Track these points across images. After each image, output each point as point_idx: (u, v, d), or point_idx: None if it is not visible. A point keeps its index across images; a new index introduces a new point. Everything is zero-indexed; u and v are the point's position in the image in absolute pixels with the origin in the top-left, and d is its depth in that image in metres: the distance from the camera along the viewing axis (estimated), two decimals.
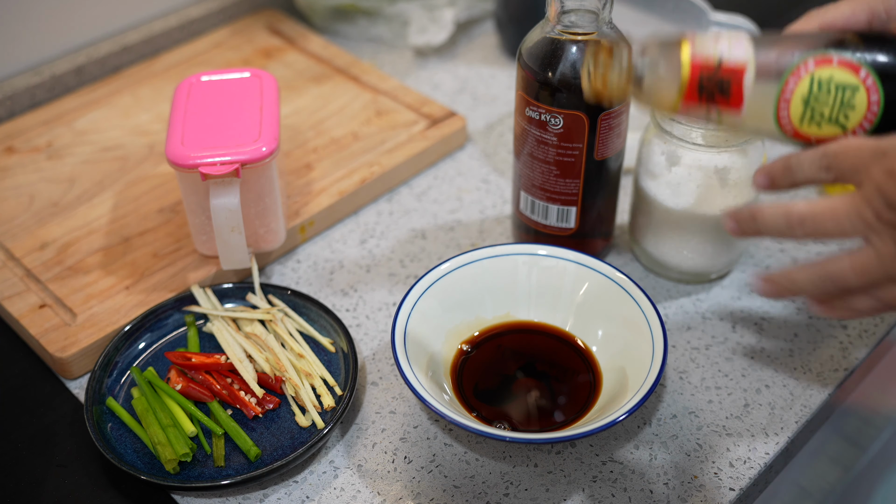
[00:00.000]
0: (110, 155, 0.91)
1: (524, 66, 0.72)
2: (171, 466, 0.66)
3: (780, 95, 0.56)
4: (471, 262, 0.74)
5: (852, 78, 0.55)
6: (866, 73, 0.54)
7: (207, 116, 0.76)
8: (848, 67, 0.55)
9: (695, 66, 0.56)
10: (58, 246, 0.82)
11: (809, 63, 0.55)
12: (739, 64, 0.56)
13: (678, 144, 0.73)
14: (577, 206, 0.77)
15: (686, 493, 0.66)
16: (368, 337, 0.77)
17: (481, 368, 0.72)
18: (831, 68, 0.55)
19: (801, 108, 0.56)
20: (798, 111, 0.56)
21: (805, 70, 0.55)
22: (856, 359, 0.75)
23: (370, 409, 0.72)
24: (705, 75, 0.56)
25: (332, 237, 0.86)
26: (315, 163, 0.90)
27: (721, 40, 0.56)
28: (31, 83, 0.96)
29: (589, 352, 0.73)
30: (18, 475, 0.68)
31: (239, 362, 0.72)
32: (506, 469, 0.67)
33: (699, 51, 0.56)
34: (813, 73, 0.55)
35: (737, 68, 0.56)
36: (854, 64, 0.55)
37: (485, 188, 0.91)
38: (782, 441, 0.69)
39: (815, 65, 0.55)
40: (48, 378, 0.75)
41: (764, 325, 0.77)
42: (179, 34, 1.05)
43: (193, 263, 0.80)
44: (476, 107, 1.00)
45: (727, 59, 0.56)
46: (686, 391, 0.72)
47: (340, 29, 1.09)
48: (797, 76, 0.55)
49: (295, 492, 0.67)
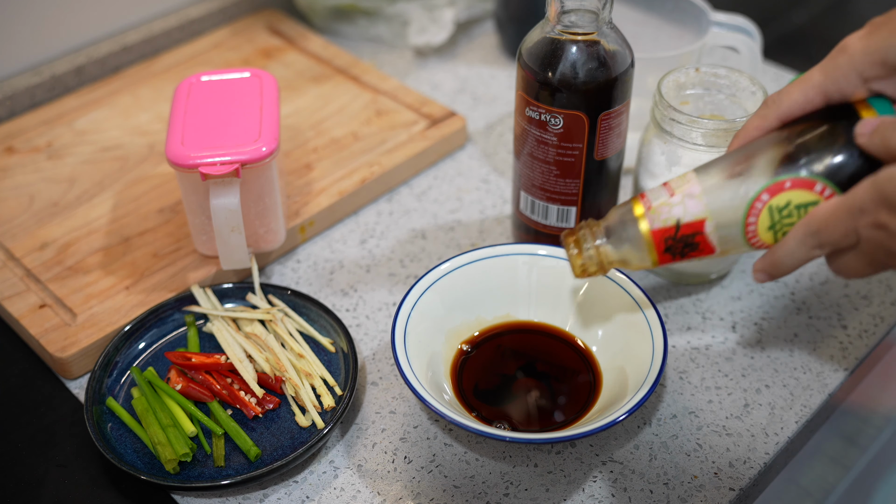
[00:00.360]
0: (110, 155, 0.91)
1: (524, 66, 0.72)
2: (171, 466, 0.66)
3: (746, 230, 0.57)
4: (471, 262, 0.74)
5: (809, 195, 0.55)
6: (822, 186, 0.54)
7: (207, 116, 0.76)
8: (802, 187, 0.54)
9: (657, 237, 0.58)
10: (58, 246, 0.82)
11: (763, 196, 0.55)
12: (697, 221, 0.57)
13: (678, 144, 0.73)
14: (577, 206, 0.77)
15: (686, 493, 0.66)
16: (368, 337, 0.77)
17: (481, 368, 0.72)
18: (787, 193, 0.55)
19: (769, 234, 0.56)
20: (768, 237, 0.57)
21: (761, 203, 0.56)
22: (856, 359, 0.75)
23: (370, 409, 0.72)
24: (669, 242, 0.58)
25: (332, 237, 0.86)
26: (315, 163, 0.90)
27: (675, 201, 0.57)
28: (31, 83, 0.96)
29: (589, 352, 0.73)
30: (18, 475, 0.68)
31: (239, 362, 0.72)
32: (506, 469, 0.68)
33: (656, 221, 0.58)
34: (769, 203, 0.55)
35: (696, 226, 0.57)
36: (808, 181, 0.54)
37: (485, 188, 0.91)
38: (782, 441, 0.69)
39: (770, 195, 0.55)
40: (48, 378, 0.75)
41: (764, 325, 0.77)
42: (179, 34, 1.05)
43: (193, 263, 0.80)
44: (476, 107, 1.00)
45: (685, 221, 0.57)
46: (686, 391, 0.72)
47: (340, 29, 1.09)
48: (755, 213, 0.56)
49: (295, 492, 0.67)
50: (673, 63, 0.84)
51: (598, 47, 0.70)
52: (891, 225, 0.51)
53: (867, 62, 0.54)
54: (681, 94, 0.77)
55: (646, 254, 0.59)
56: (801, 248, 0.55)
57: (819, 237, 0.54)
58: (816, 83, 0.56)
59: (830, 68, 0.56)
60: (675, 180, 0.59)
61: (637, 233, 0.59)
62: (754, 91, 0.74)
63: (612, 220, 0.61)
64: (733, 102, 0.76)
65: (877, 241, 0.52)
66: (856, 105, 0.55)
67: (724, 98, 0.77)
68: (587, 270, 0.62)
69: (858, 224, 0.52)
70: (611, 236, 0.61)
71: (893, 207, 0.50)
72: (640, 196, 0.60)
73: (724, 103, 0.77)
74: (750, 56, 0.89)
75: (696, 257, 0.59)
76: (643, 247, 0.59)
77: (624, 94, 0.72)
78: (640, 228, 0.59)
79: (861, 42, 0.55)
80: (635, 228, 0.59)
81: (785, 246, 0.55)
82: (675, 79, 0.76)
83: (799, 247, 0.55)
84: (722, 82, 0.76)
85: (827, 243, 0.54)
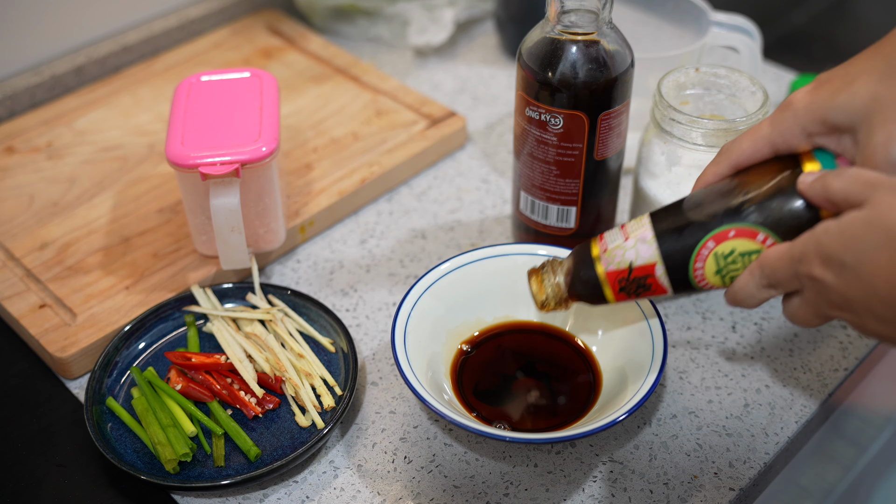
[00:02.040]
0: (110, 155, 0.91)
1: (524, 66, 0.72)
2: (171, 466, 0.66)
3: (694, 275, 0.60)
4: (471, 262, 0.74)
5: (752, 244, 0.58)
6: (764, 236, 0.57)
7: (207, 116, 0.76)
8: (745, 236, 0.57)
9: (611, 279, 0.62)
10: (58, 246, 0.82)
11: (709, 244, 0.59)
12: (648, 265, 0.61)
13: (678, 144, 0.73)
14: (577, 206, 0.77)
15: (686, 493, 0.66)
16: (368, 337, 0.77)
17: (481, 368, 0.72)
18: (731, 241, 0.58)
19: (717, 278, 0.60)
20: (716, 281, 0.60)
21: (707, 250, 0.59)
22: (856, 359, 0.75)
23: (370, 409, 0.72)
24: (623, 283, 0.62)
25: (332, 237, 0.86)
26: (315, 163, 0.90)
27: (628, 245, 0.61)
28: (31, 83, 0.96)
29: (589, 352, 0.73)
30: (18, 475, 0.68)
31: (239, 362, 0.72)
32: (506, 469, 0.67)
33: (611, 264, 0.62)
34: (715, 250, 0.59)
35: (647, 269, 0.61)
36: (751, 231, 0.57)
37: (485, 188, 0.91)
38: (782, 441, 0.69)
39: (715, 243, 0.58)
40: (48, 378, 0.75)
41: (764, 325, 0.77)
42: (179, 34, 1.05)
43: (193, 263, 0.80)
44: (476, 107, 1.00)
45: (636, 265, 0.61)
46: (686, 391, 0.72)
47: (340, 29, 1.09)
48: (702, 259, 0.59)
49: (295, 492, 0.67)
50: (673, 63, 0.84)
51: (598, 47, 0.70)
52: (825, 279, 0.52)
53: (809, 119, 0.57)
54: (681, 94, 0.77)
55: (602, 294, 0.63)
56: (754, 287, 0.57)
57: (769, 279, 0.56)
58: (765, 135, 0.59)
59: (778, 121, 0.58)
60: (631, 224, 0.63)
61: (594, 273, 0.63)
62: (754, 91, 0.74)
63: (572, 260, 0.64)
64: (733, 102, 0.76)
65: (816, 291, 0.53)
66: (801, 156, 0.58)
67: (724, 98, 0.77)
68: (548, 306, 0.66)
69: (799, 273, 0.54)
70: (570, 275, 0.64)
71: (827, 261, 0.52)
72: (600, 237, 0.64)
73: (724, 103, 0.77)
74: (750, 56, 0.89)
75: (651, 297, 0.63)
76: (599, 288, 0.63)
77: (624, 94, 0.72)
78: (596, 269, 0.63)
79: (805, 98, 0.57)
80: (592, 269, 0.63)
81: (741, 284, 0.58)
82: (675, 79, 0.76)
83: (753, 286, 0.57)
84: (722, 82, 0.76)
85: (776, 285, 0.56)
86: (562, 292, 0.65)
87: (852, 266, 0.50)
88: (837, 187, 0.53)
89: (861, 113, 0.55)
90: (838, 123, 0.56)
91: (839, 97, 0.56)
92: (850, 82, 0.56)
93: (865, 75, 0.55)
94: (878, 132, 0.53)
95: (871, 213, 0.50)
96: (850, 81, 0.56)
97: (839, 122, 0.56)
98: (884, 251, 0.49)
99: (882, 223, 0.49)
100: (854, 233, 0.50)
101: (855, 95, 0.55)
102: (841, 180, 0.53)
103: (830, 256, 0.51)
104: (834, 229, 0.51)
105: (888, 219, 0.49)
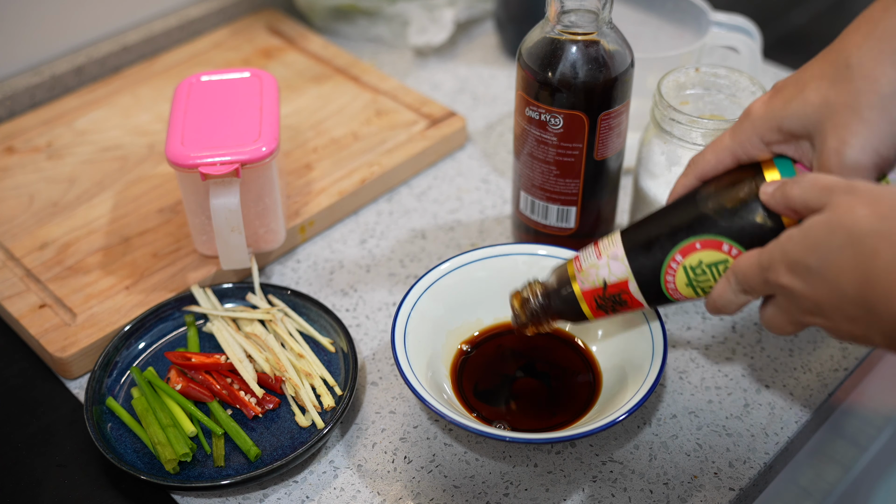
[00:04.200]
0: (110, 155, 0.91)
1: (524, 66, 0.72)
2: (170, 466, 0.66)
3: (666, 289, 0.61)
4: (471, 262, 0.74)
5: (718, 255, 0.59)
6: (729, 246, 0.58)
7: (207, 116, 0.76)
8: (711, 247, 0.59)
9: (587, 297, 0.64)
10: (58, 246, 0.82)
11: (677, 257, 0.60)
12: (621, 281, 0.62)
13: (678, 144, 0.73)
14: (577, 206, 0.77)
15: (686, 493, 0.66)
16: (368, 337, 0.77)
17: (481, 368, 0.72)
18: (697, 253, 0.59)
19: (689, 289, 0.61)
20: (689, 292, 0.61)
21: (676, 263, 0.60)
22: (856, 359, 0.75)
23: (370, 409, 0.72)
24: (598, 300, 0.64)
25: (332, 237, 0.86)
26: (315, 163, 0.90)
27: (601, 263, 0.63)
28: (31, 83, 0.96)
29: (589, 352, 0.73)
30: (18, 475, 0.68)
31: (239, 362, 0.72)
32: (506, 469, 0.68)
33: (586, 282, 0.64)
34: (683, 263, 0.60)
35: (620, 285, 0.62)
36: (715, 241, 0.59)
37: (485, 188, 0.91)
38: (782, 441, 0.69)
39: (683, 256, 0.60)
40: (48, 378, 0.75)
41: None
42: (179, 34, 1.05)
43: (193, 263, 0.80)
44: (476, 107, 1.00)
45: (610, 282, 0.63)
46: (686, 391, 0.72)
47: (340, 29, 1.09)
48: (672, 272, 0.61)
49: (295, 492, 0.67)
50: (673, 63, 0.84)
51: (598, 47, 0.70)
52: (793, 286, 0.53)
53: (765, 128, 0.58)
54: (681, 94, 0.77)
55: (581, 311, 0.65)
56: (731, 293, 0.58)
57: (741, 286, 0.57)
58: (726, 146, 0.60)
59: (738, 132, 0.60)
60: (604, 241, 0.64)
61: (571, 292, 0.65)
62: (754, 91, 0.74)
63: (551, 281, 0.66)
64: (733, 102, 0.76)
65: (787, 298, 0.54)
66: (762, 165, 0.59)
67: (724, 98, 0.77)
68: (527, 327, 0.67)
69: (768, 280, 0.55)
70: (550, 296, 0.66)
71: (793, 268, 0.52)
72: (576, 258, 0.65)
73: (724, 103, 0.77)
74: (750, 56, 0.89)
75: (628, 312, 0.64)
76: (577, 306, 0.65)
77: (624, 94, 0.72)
78: (572, 288, 0.64)
79: (762, 108, 0.59)
80: (569, 288, 0.65)
81: (718, 292, 0.59)
82: (675, 79, 0.76)
83: (730, 293, 0.58)
84: (722, 82, 0.76)
85: (750, 291, 0.57)
86: (542, 311, 0.66)
87: (818, 269, 0.51)
88: (797, 194, 0.54)
89: (813, 119, 0.56)
90: (793, 130, 0.57)
91: (792, 105, 0.57)
92: (802, 89, 0.57)
93: (816, 81, 0.56)
94: (830, 137, 0.55)
95: (830, 216, 0.51)
96: (802, 88, 0.57)
97: (794, 129, 0.57)
98: (846, 251, 0.50)
99: (842, 224, 0.50)
100: (816, 237, 0.51)
101: (806, 102, 0.56)
102: (799, 187, 0.54)
103: (796, 262, 0.52)
104: (797, 236, 0.52)
105: (847, 220, 0.50)
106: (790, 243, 0.53)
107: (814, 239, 0.51)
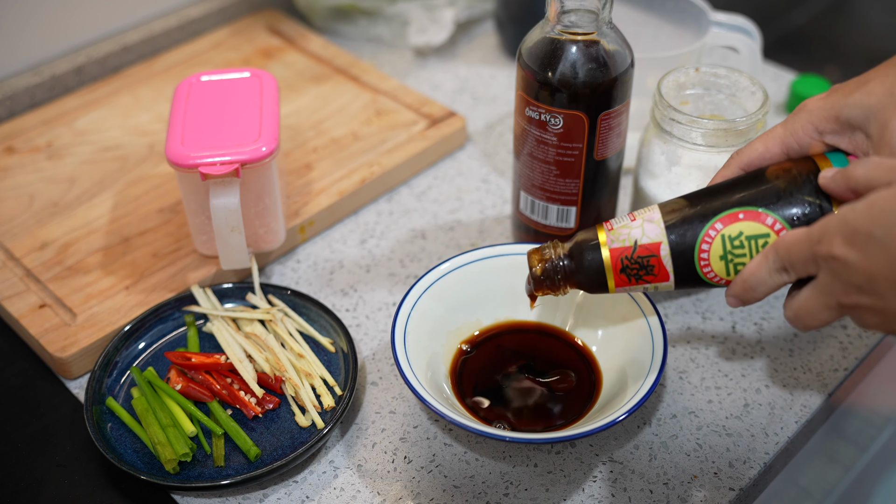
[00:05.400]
0: (110, 155, 0.91)
1: (524, 66, 0.72)
2: (170, 466, 0.66)
3: (699, 258, 0.60)
4: (471, 262, 0.74)
5: (761, 228, 0.58)
6: (773, 220, 0.58)
7: (207, 116, 0.76)
8: (755, 219, 0.58)
9: (614, 256, 0.61)
10: (58, 246, 0.82)
11: (717, 225, 0.59)
12: (654, 243, 0.60)
13: (678, 144, 0.73)
14: (577, 206, 0.77)
15: (686, 493, 0.66)
16: (368, 337, 0.77)
17: (481, 368, 0.72)
18: (739, 223, 0.58)
19: (721, 264, 0.59)
20: (720, 267, 0.60)
21: (714, 231, 0.59)
22: (856, 359, 0.75)
23: (370, 409, 0.72)
24: (625, 262, 0.61)
25: (332, 237, 0.86)
26: (315, 163, 0.90)
27: (635, 224, 0.61)
28: (31, 83, 0.96)
29: (589, 352, 0.73)
30: (18, 475, 0.68)
31: (239, 362, 0.72)
32: (506, 469, 0.68)
33: (615, 241, 0.61)
34: (722, 232, 0.59)
35: (652, 247, 0.60)
36: (760, 213, 0.58)
37: (485, 188, 0.91)
38: (782, 441, 0.69)
39: (723, 225, 0.59)
40: (48, 378, 0.75)
41: (764, 325, 0.77)
42: (179, 34, 1.05)
43: (193, 263, 0.80)
44: (476, 107, 1.00)
45: (641, 242, 0.61)
46: (686, 391, 0.72)
47: (340, 29, 1.09)
48: (709, 240, 0.59)
49: (295, 492, 0.67)
50: (673, 63, 0.84)
51: (598, 47, 0.70)
52: (847, 257, 0.52)
53: (822, 117, 0.59)
54: (681, 94, 0.77)
55: (602, 275, 0.62)
56: (766, 272, 0.57)
57: (783, 262, 0.56)
58: (777, 134, 0.61)
59: (790, 122, 0.61)
60: (639, 210, 0.63)
61: (597, 252, 0.62)
62: (754, 91, 0.74)
63: (576, 240, 0.64)
64: (733, 102, 0.76)
65: (833, 273, 0.54)
66: (814, 158, 0.59)
67: (724, 98, 0.77)
68: (542, 287, 0.65)
69: (817, 253, 0.54)
70: (573, 256, 0.63)
71: (852, 237, 0.52)
72: (606, 222, 0.63)
73: (724, 103, 0.77)
74: (750, 56, 0.89)
75: (651, 283, 0.62)
76: (600, 267, 0.62)
77: (624, 94, 0.72)
78: (599, 246, 0.62)
79: (819, 101, 0.60)
80: (596, 247, 0.62)
81: (752, 269, 0.58)
82: (675, 79, 0.76)
83: (765, 271, 0.57)
84: (722, 82, 0.76)
85: (791, 267, 0.56)
86: (560, 271, 0.64)
87: (881, 238, 0.51)
88: (860, 174, 0.54)
89: (876, 107, 0.57)
90: (852, 119, 0.58)
91: (853, 96, 0.58)
92: (865, 83, 0.58)
93: (880, 77, 0.58)
94: (894, 120, 0.55)
95: None
96: (865, 83, 0.58)
97: (853, 118, 0.58)
98: None
99: None
100: (883, 207, 0.51)
101: (870, 93, 0.57)
102: (864, 167, 0.54)
103: (857, 231, 0.51)
104: (861, 206, 0.52)
105: None
106: (852, 213, 0.52)
107: (880, 209, 0.51)
